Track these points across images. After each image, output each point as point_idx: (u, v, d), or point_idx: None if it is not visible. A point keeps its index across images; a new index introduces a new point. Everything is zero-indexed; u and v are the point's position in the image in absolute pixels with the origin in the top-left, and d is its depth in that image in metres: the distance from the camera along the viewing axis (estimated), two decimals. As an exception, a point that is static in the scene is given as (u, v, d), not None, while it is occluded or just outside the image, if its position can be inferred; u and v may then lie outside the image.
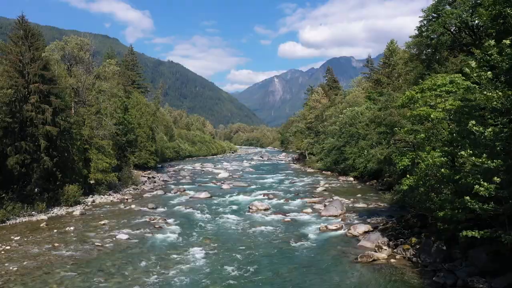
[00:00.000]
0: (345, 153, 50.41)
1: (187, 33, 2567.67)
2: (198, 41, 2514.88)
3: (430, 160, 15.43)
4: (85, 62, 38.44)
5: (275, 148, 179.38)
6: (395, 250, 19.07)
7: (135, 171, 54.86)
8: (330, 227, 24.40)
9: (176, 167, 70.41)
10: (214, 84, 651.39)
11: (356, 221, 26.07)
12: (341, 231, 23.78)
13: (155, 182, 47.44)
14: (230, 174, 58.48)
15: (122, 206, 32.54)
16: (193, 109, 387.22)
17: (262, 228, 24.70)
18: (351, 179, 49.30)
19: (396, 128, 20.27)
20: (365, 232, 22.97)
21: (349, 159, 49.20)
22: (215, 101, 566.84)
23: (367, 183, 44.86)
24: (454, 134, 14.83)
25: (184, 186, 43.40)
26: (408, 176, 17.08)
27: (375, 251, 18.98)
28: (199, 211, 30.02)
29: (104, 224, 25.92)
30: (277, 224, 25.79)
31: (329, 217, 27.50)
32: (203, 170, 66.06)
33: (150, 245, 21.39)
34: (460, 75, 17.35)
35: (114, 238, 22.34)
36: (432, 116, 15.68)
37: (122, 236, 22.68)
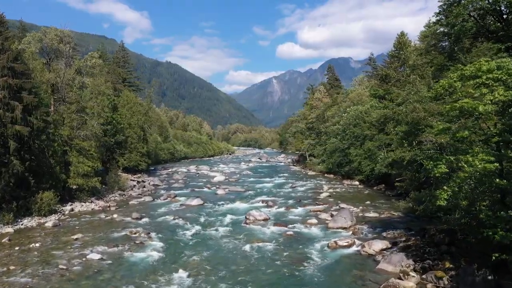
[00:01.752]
0: (350, 155, 46.87)
1: (185, 34, 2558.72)
2: (196, 42, 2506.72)
3: (479, 166, 11.88)
4: (65, 55, 34.71)
5: (274, 149, 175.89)
6: (424, 277, 15.49)
7: (124, 174, 51.22)
8: (340, 243, 20.80)
9: (170, 170, 66.76)
10: (212, 85, 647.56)
11: (369, 235, 22.50)
12: (354, 248, 20.19)
13: (144, 187, 43.72)
14: (227, 177, 54.84)
15: (103, 215, 28.89)
16: (191, 110, 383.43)
17: (261, 244, 21.07)
18: (357, 183, 45.80)
19: (427, 127, 16.79)
20: (383, 250, 19.45)
21: (354, 161, 45.70)
22: (213, 102, 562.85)
23: (375, 188, 41.34)
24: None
25: (176, 192, 39.73)
26: (445, 187, 13.48)
27: (400, 279, 15.40)
28: (188, 222, 26.37)
29: (76, 239, 22.26)
30: (278, 239, 22.18)
31: (338, 230, 23.92)
32: (198, 173, 62.41)
33: (126, 268, 17.75)
34: (510, 59, 13.83)
35: (84, 259, 18.69)
36: (480, 109, 12.11)
37: (94, 255, 19.03)
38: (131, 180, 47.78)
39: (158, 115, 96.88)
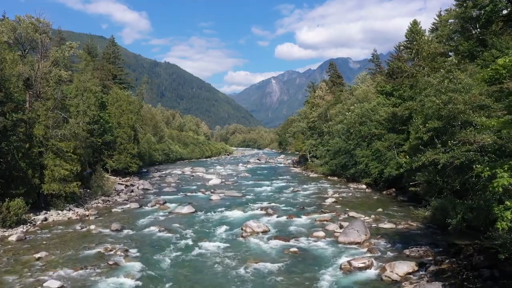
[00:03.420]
0: (356, 157, 43.28)
1: (185, 34, 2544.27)
2: (195, 42, 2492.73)
3: None
4: (40, 45, 31.00)
5: (273, 150, 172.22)
6: (471, 316, 11.92)
7: (113, 177, 47.69)
8: (355, 263, 17.18)
9: (163, 172, 63.07)
10: (211, 86, 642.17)
11: (389, 253, 18.92)
12: (373, 271, 16.59)
13: (132, 191, 39.98)
14: (223, 180, 51.17)
15: (78, 226, 25.23)
16: (190, 111, 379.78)
17: (259, 265, 17.43)
18: (364, 186, 42.25)
19: (466, 123, 13.24)
20: (409, 274, 15.89)
21: (361, 163, 42.13)
22: (212, 103, 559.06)
23: (384, 192, 37.78)
24: None
25: (166, 197, 36.00)
26: (507, 203, 9.91)
27: (442, 320, 11.82)
28: (175, 235, 22.73)
29: (39, 258, 18.61)
30: (279, 258, 18.54)
31: (350, 245, 20.32)
32: (193, 175, 58.68)
33: (89, 301, 14.14)
34: None
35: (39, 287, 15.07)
36: None
37: (53, 283, 15.36)
38: (119, 183, 44.17)
39: (152, 114, 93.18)
